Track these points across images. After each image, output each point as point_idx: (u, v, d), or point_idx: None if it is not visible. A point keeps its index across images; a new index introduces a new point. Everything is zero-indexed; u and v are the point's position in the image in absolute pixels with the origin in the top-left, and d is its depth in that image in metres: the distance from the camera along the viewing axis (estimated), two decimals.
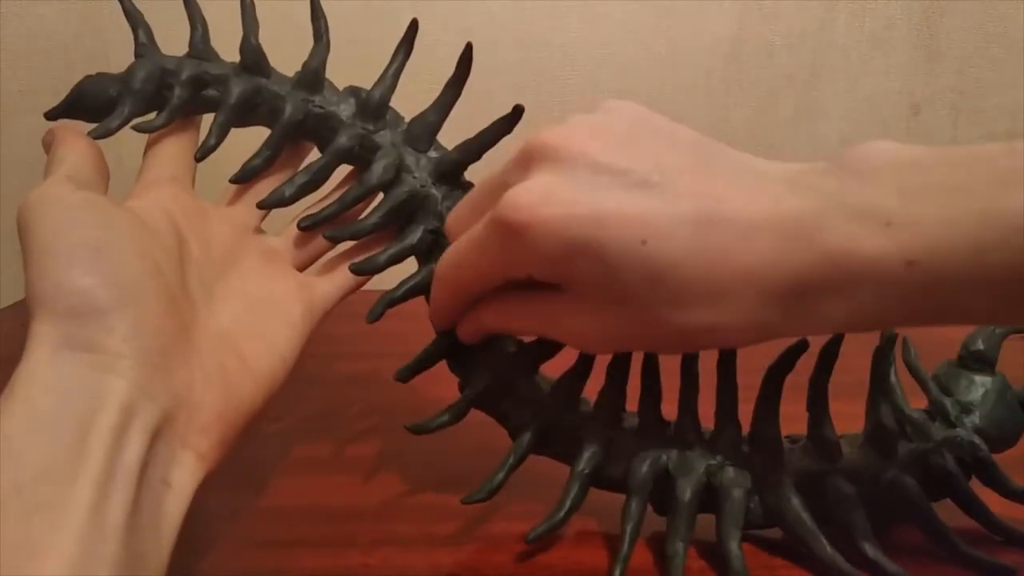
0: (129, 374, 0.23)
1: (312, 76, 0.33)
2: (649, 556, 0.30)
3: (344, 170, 0.35)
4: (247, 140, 0.34)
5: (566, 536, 0.31)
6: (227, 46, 0.34)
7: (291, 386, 0.31)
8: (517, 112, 0.30)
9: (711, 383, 0.31)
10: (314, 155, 0.34)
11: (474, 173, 0.33)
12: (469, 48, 0.31)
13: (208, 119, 0.33)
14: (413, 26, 0.33)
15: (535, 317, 0.28)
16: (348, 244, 0.34)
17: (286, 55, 0.35)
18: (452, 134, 0.34)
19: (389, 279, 0.33)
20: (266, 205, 0.33)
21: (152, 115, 0.32)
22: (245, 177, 0.33)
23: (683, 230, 0.22)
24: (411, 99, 0.35)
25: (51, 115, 0.32)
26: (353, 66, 0.37)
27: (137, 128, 0.31)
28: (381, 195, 0.33)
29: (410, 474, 0.37)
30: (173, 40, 0.35)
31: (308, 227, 0.33)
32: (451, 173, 0.33)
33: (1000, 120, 0.70)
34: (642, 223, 0.23)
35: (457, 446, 0.32)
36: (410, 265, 0.33)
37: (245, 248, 0.32)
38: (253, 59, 0.33)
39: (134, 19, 0.33)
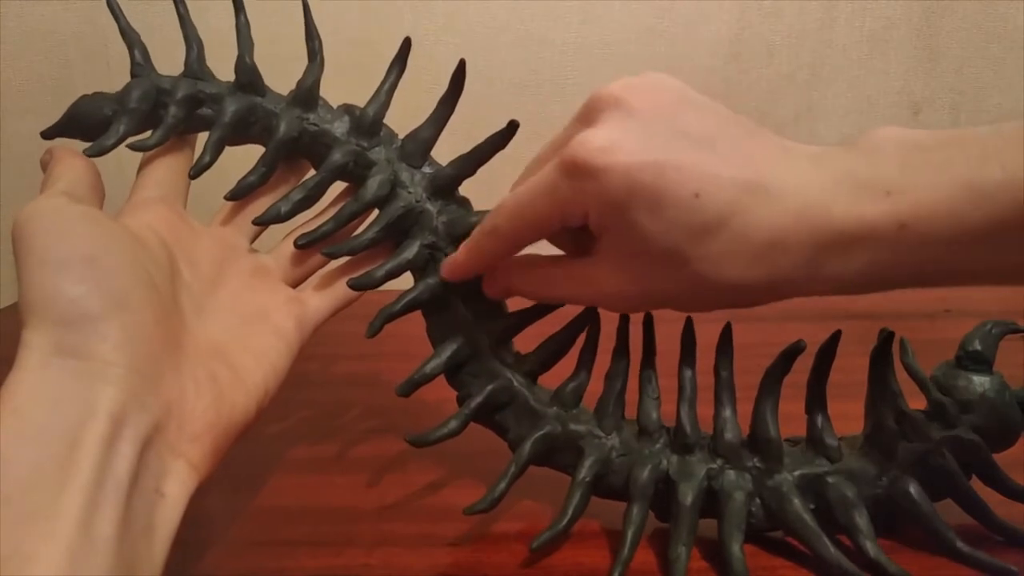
0: (120, 383, 0.23)
1: (306, 94, 0.33)
2: (649, 556, 0.30)
3: (338, 187, 0.35)
4: (245, 157, 0.34)
5: (567, 537, 0.31)
6: (227, 57, 0.34)
7: (292, 387, 0.31)
8: (512, 127, 0.30)
9: (709, 383, 0.31)
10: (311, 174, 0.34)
11: (468, 188, 0.33)
12: (462, 65, 0.31)
13: (204, 137, 0.33)
14: (406, 44, 0.33)
15: (568, 280, 0.29)
16: (342, 259, 0.34)
17: (285, 61, 0.35)
18: (452, 134, 0.34)
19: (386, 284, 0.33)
20: (262, 222, 0.33)
21: (148, 133, 0.32)
22: (240, 194, 0.33)
23: (731, 191, 0.24)
24: (412, 99, 0.35)
25: (47, 134, 0.32)
26: (353, 66, 0.37)
27: (132, 147, 0.31)
28: (377, 211, 0.33)
29: (410, 475, 0.37)
30: (171, 55, 0.34)
31: (304, 245, 0.33)
32: (446, 188, 0.33)
33: (1000, 120, 0.70)
34: (698, 177, 0.25)
35: (457, 447, 0.32)
36: (406, 280, 0.33)
37: (235, 266, 0.32)
38: (247, 78, 0.33)
39: (130, 38, 0.33)
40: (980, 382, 0.30)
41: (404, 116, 0.34)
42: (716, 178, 0.25)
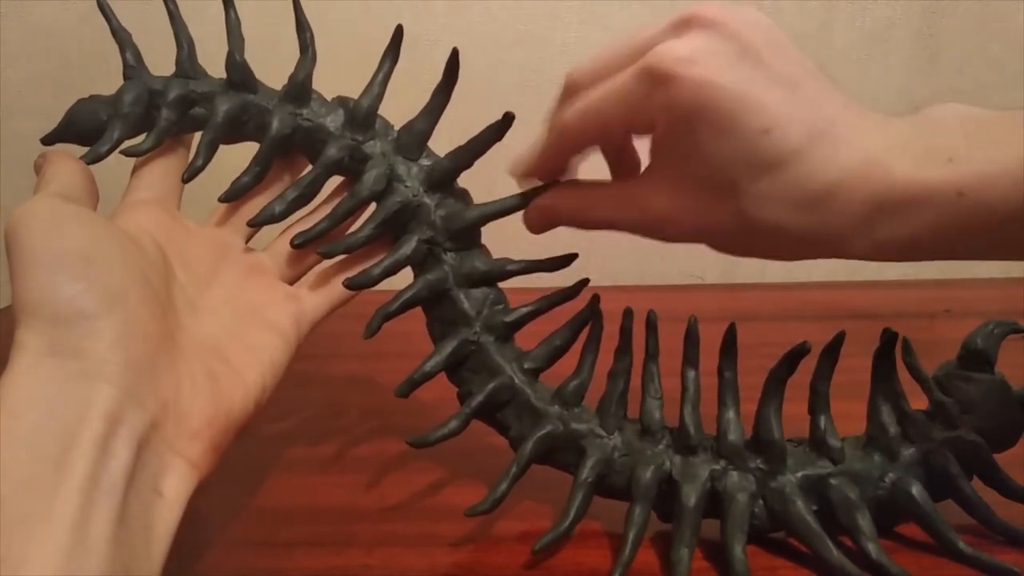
0: (115, 380, 0.22)
1: (299, 89, 0.32)
2: (651, 557, 0.30)
3: (335, 182, 0.35)
4: (243, 154, 0.33)
5: (568, 537, 0.31)
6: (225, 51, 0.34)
7: (291, 387, 0.31)
8: (508, 119, 0.30)
9: (712, 384, 0.31)
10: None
11: (466, 180, 0.33)
12: (455, 54, 0.31)
13: (198, 136, 0.33)
14: (398, 33, 0.33)
15: (613, 200, 0.30)
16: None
17: (284, 56, 0.35)
18: (451, 135, 0.34)
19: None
20: (257, 223, 0.33)
21: (142, 137, 0.31)
22: (234, 195, 0.32)
23: (800, 136, 0.25)
24: (411, 101, 0.35)
25: (47, 140, 0.32)
26: (352, 67, 0.37)
27: (126, 153, 0.31)
28: (374, 206, 0.33)
29: (410, 474, 0.37)
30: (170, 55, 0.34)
31: (301, 244, 0.32)
32: (443, 181, 0.32)
33: None
34: (773, 115, 0.25)
35: (457, 445, 0.32)
36: (404, 276, 0.33)
37: (230, 265, 0.32)
38: (238, 75, 0.32)
39: (121, 39, 0.32)
40: (982, 382, 0.30)
41: (404, 118, 0.34)
42: (789, 120, 0.25)
